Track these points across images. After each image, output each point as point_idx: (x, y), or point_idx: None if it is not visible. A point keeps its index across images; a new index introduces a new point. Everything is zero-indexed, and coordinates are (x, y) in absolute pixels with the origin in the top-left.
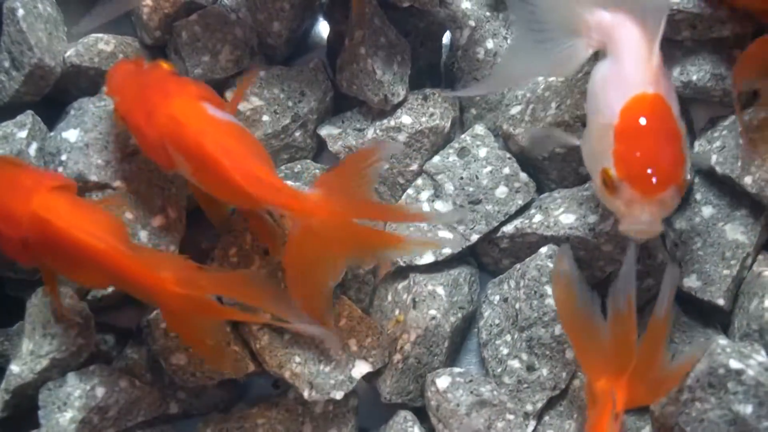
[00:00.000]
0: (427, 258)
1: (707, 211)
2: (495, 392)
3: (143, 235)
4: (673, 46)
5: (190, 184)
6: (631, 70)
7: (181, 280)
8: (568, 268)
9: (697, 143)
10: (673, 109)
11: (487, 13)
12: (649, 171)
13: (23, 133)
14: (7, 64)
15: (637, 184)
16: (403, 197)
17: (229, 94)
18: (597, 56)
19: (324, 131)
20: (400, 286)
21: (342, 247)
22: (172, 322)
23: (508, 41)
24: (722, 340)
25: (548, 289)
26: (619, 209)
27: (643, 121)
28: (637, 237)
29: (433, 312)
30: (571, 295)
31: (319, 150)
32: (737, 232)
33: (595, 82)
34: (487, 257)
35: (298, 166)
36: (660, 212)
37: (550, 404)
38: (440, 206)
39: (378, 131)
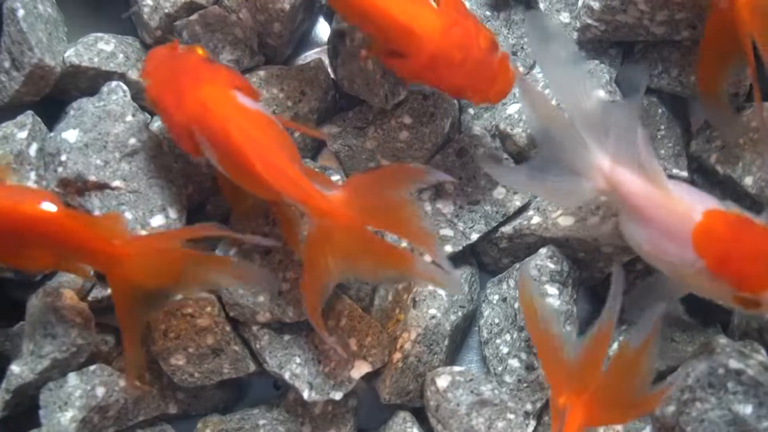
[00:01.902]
0: (428, 258)
1: None
2: (496, 391)
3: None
4: (673, 46)
5: (215, 169)
6: (666, 218)
7: (134, 245)
8: (531, 285)
9: (694, 143)
10: (708, 201)
11: (487, 13)
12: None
13: (23, 134)
14: (7, 64)
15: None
16: None
17: None
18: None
19: (324, 130)
20: (401, 285)
21: (350, 255)
22: (122, 297)
23: (510, 40)
24: (722, 339)
25: (548, 289)
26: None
27: (723, 247)
28: None
29: (433, 311)
30: (537, 311)
31: (319, 149)
32: None
33: (641, 244)
34: (486, 257)
35: None
36: None
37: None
38: (441, 205)
39: (378, 130)
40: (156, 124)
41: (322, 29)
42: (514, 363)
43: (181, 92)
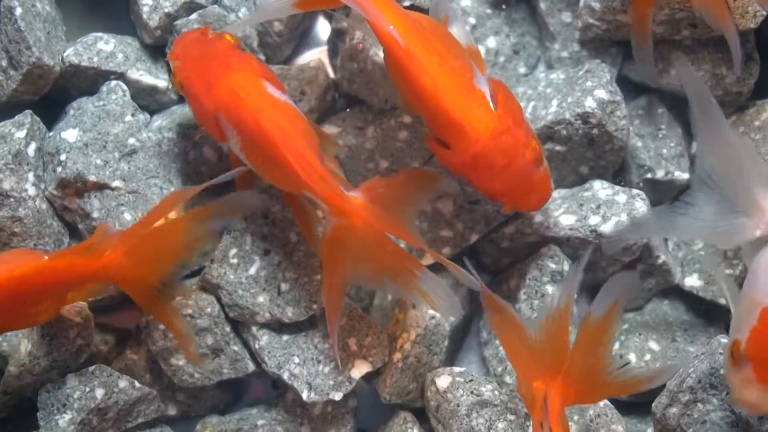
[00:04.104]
0: (427, 259)
1: None
2: (496, 392)
3: None
4: (673, 46)
5: (232, 155)
6: None
7: (124, 242)
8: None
9: (695, 143)
10: None
11: (488, 11)
12: None
13: (22, 133)
14: (5, 63)
15: (759, 369)
16: None
17: None
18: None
19: (324, 130)
20: None
21: (362, 258)
22: (140, 294)
23: (511, 39)
24: (724, 339)
25: (549, 289)
26: (733, 381)
27: None
28: (743, 411)
29: (432, 311)
30: (497, 301)
31: None
32: None
33: (761, 263)
34: (486, 257)
35: None
36: None
37: None
38: (440, 205)
39: (378, 130)
40: (156, 124)
41: (322, 29)
42: None
43: (210, 78)
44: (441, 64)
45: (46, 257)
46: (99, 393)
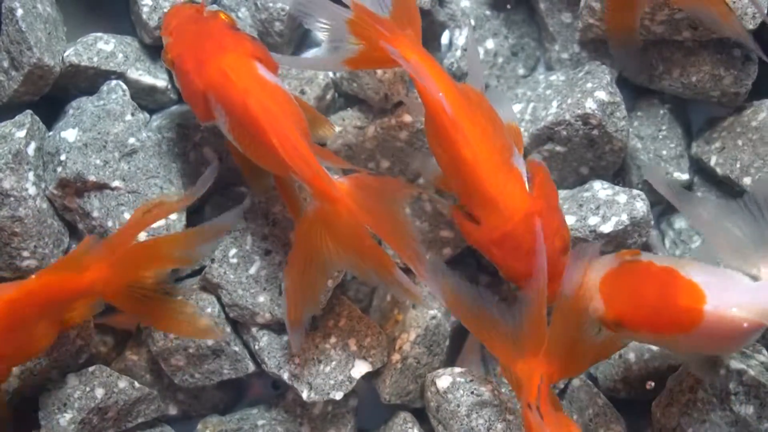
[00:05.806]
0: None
1: None
2: (495, 392)
3: (142, 235)
4: (674, 47)
5: (230, 145)
6: None
7: (108, 255)
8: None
9: (694, 144)
10: None
11: (487, 12)
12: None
13: (22, 133)
14: (6, 63)
15: (605, 285)
16: None
17: None
18: None
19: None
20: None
21: (341, 244)
22: (133, 306)
23: (510, 40)
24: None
25: None
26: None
27: None
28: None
29: (433, 311)
30: (457, 294)
31: None
32: None
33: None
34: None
35: None
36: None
37: None
38: (441, 205)
39: (379, 129)
40: (155, 124)
41: None
42: None
43: (202, 57)
44: (483, 138)
45: (34, 277)
46: (99, 393)
